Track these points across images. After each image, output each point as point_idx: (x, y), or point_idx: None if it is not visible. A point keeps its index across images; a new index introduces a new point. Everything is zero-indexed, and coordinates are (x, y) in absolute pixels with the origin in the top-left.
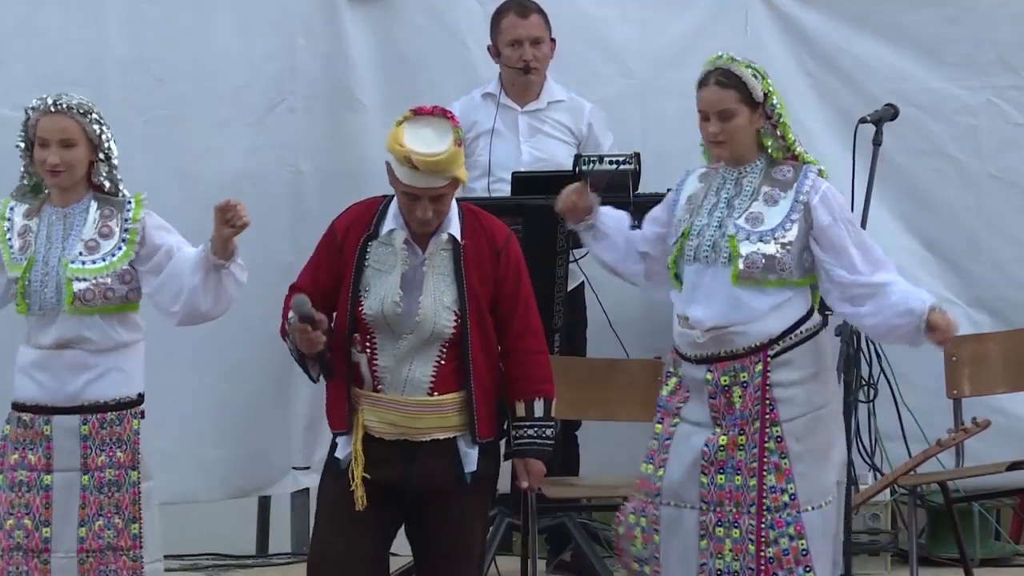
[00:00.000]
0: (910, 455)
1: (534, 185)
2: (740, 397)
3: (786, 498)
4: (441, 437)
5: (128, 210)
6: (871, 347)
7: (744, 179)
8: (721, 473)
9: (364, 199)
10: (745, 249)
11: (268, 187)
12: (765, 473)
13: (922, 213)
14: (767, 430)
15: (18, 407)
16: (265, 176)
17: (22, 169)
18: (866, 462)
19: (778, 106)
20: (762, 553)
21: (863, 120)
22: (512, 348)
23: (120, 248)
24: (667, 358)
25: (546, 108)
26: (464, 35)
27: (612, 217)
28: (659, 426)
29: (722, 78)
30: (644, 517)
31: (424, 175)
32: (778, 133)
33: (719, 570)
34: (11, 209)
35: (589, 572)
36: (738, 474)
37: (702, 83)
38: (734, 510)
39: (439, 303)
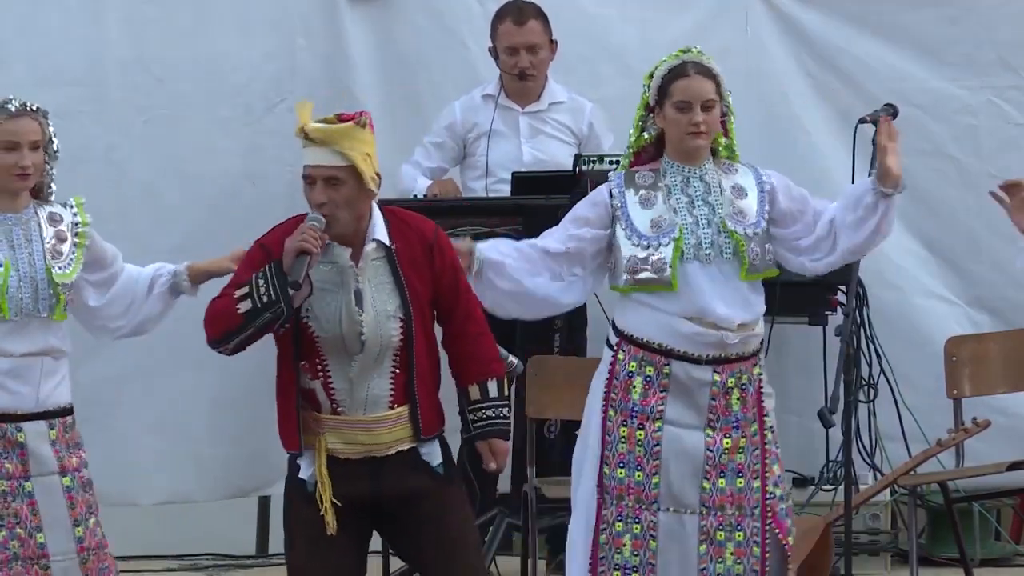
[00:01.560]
0: (910, 455)
1: (534, 185)
2: (739, 399)
3: (779, 495)
4: (405, 448)
5: (74, 215)
6: (871, 347)
7: (707, 176)
8: (721, 476)
9: (285, 219)
10: (747, 243)
11: (268, 187)
12: (767, 475)
13: (922, 213)
14: (765, 432)
15: None
16: (265, 176)
17: None
18: (866, 462)
19: (731, 104)
20: (768, 554)
21: (863, 120)
22: (457, 334)
23: (73, 253)
24: (621, 357)
25: (547, 109)
26: (464, 35)
27: (495, 248)
28: (640, 432)
29: (702, 70)
30: (637, 524)
31: (317, 148)
32: (727, 130)
33: (719, 573)
34: None
35: None
36: (739, 477)
37: (680, 73)
38: (736, 513)
39: (382, 314)
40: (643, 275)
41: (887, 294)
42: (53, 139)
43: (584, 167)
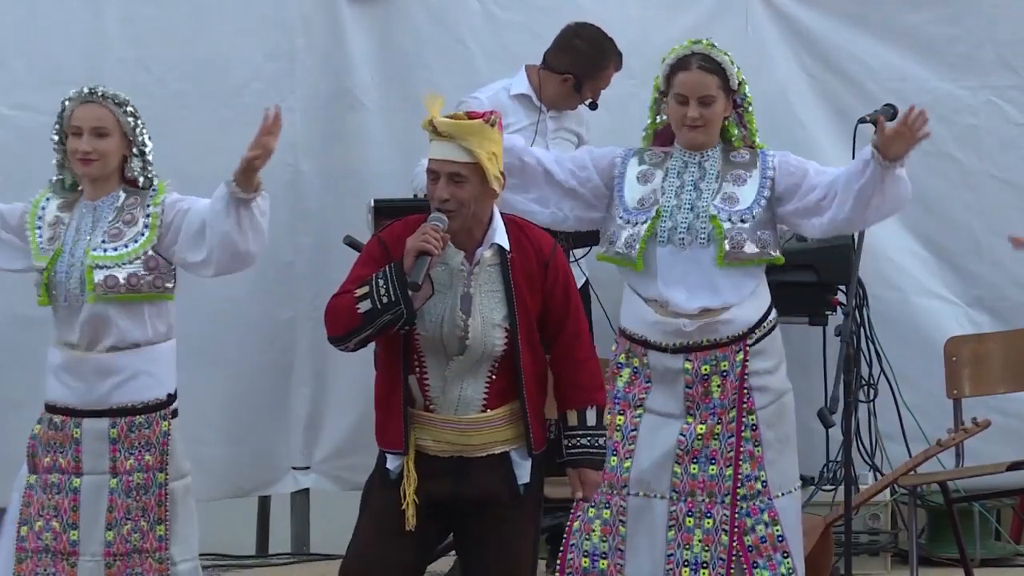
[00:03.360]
0: (910, 455)
1: None
2: (719, 386)
3: (759, 485)
4: (496, 452)
5: (151, 196)
6: (871, 347)
7: (706, 163)
8: (694, 463)
9: (405, 217)
10: (727, 229)
11: (268, 187)
12: (741, 462)
13: (922, 213)
14: (744, 419)
15: (50, 408)
16: (265, 176)
17: (56, 164)
18: (866, 462)
19: (748, 95)
20: (735, 543)
21: (863, 120)
22: (563, 357)
23: (143, 234)
24: (614, 348)
25: (561, 114)
26: (464, 35)
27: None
28: (621, 418)
29: (705, 63)
30: (607, 509)
31: (444, 143)
32: (744, 121)
33: (686, 560)
34: (47, 200)
35: None
36: (712, 464)
37: (682, 66)
38: (706, 500)
39: (488, 322)
40: (615, 248)
41: (887, 294)
42: (137, 130)
43: None
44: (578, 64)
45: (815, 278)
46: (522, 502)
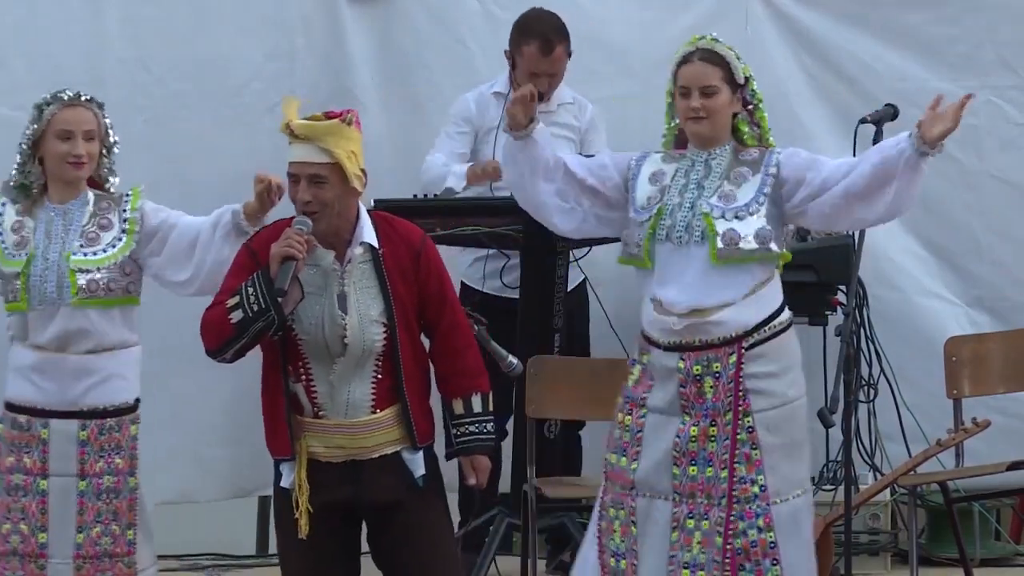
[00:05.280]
0: (910, 455)
1: None
2: (712, 387)
3: (756, 489)
4: (388, 452)
5: (126, 202)
6: (871, 347)
7: (713, 161)
8: (693, 464)
9: (274, 221)
10: (721, 226)
11: None
12: (736, 464)
13: (922, 213)
14: (740, 421)
15: (13, 408)
16: None
17: (17, 166)
18: (866, 462)
19: (758, 92)
20: (728, 545)
21: (863, 120)
22: (443, 346)
23: (120, 239)
24: (632, 346)
25: (555, 111)
26: (464, 35)
27: (545, 134)
28: (628, 418)
29: (706, 56)
30: (623, 510)
31: (302, 145)
32: (755, 119)
33: (686, 562)
34: (3, 204)
35: None
36: (709, 465)
37: (685, 60)
38: (705, 502)
39: (366, 318)
40: (629, 250)
41: (887, 294)
42: (110, 131)
43: None
44: (510, 39)
45: (815, 278)
46: (423, 494)
